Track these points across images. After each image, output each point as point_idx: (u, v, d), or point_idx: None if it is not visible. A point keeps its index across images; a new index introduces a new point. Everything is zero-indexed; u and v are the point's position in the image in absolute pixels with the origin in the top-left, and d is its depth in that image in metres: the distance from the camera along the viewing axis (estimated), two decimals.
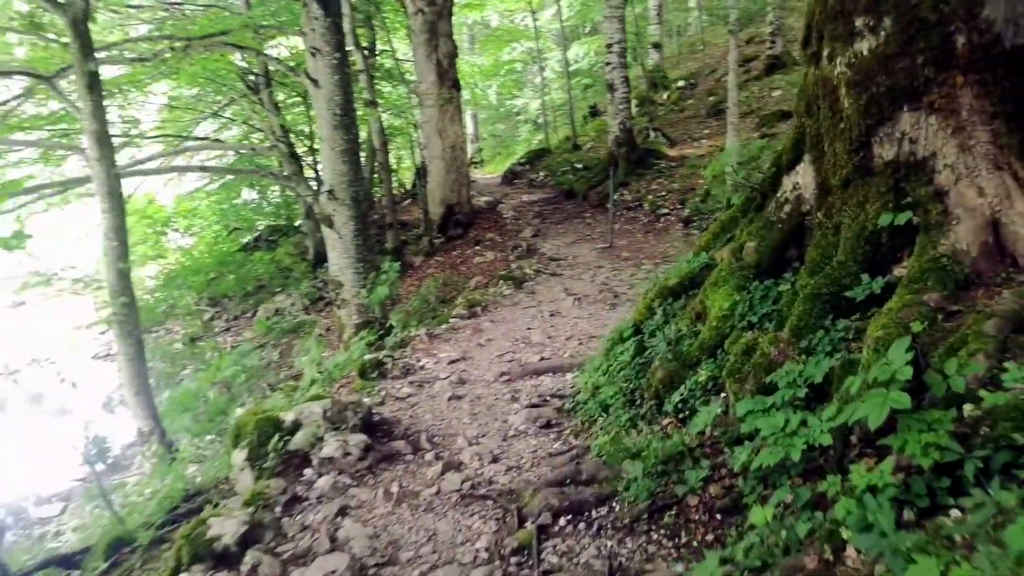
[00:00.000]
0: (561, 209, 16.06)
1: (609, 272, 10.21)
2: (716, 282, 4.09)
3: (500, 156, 27.18)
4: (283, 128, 14.90)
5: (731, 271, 4.06)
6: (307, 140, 15.63)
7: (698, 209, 12.94)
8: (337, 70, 8.32)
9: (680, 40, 25.13)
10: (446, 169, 14.73)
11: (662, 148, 16.26)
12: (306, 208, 15.81)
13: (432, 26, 14.38)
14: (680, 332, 4.10)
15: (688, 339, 4.04)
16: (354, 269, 8.63)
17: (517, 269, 11.29)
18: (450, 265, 13.26)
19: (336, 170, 8.49)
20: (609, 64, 15.66)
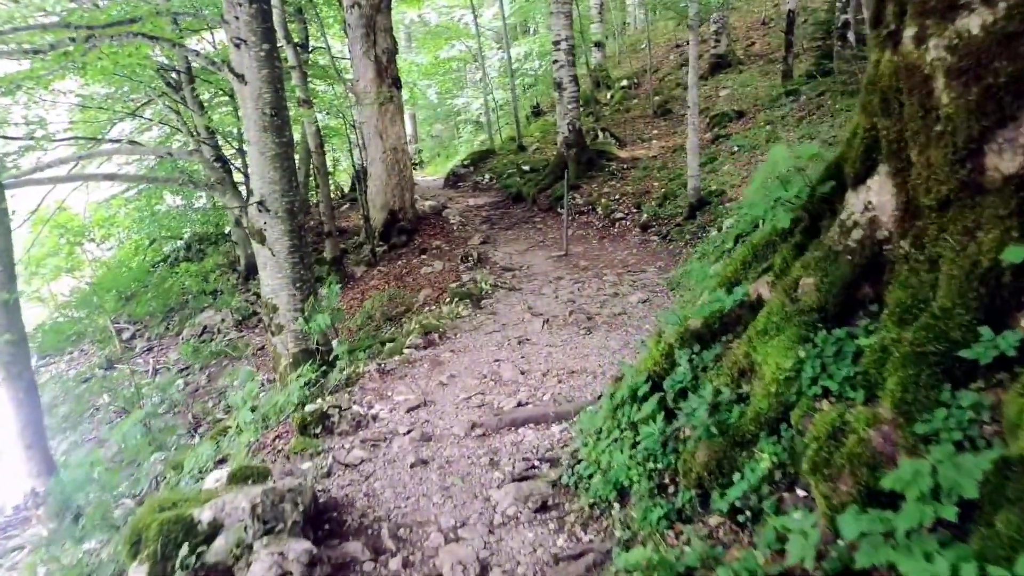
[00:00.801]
0: (510, 214, 15.02)
1: (571, 285, 9.21)
2: (765, 329, 3.11)
3: (440, 157, 25.98)
4: (208, 129, 13.46)
5: (785, 315, 3.08)
6: (236, 142, 14.20)
7: (656, 213, 12.09)
8: (266, 63, 7.07)
9: (621, 39, 24.39)
10: (387, 172, 13.52)
11: (612, 149, 15.39)
12: (236, 215, 14.37)
13: (370, 20, 13.14)
14: (720, 394, 3.11)
15: (734, 405, 3.05)
16: (290, 290, 7.39)
17: (471, 283, 10.19)
18: (395, 276, 12.07)
19: (267, 178, 7.24)
20: (556, 62, 14.68)
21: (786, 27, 13.78)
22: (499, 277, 10.45)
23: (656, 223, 11.99)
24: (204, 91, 14.19)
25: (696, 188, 10.99)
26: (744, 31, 19.88)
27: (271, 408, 6.01)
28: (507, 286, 9.30)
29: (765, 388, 2.97)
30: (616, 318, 7.01)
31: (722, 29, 18.16)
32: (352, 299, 12.01)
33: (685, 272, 8.44)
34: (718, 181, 11.60)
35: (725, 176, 11.83)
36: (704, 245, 9.04)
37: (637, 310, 7.26)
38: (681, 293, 7.49)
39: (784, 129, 12.46)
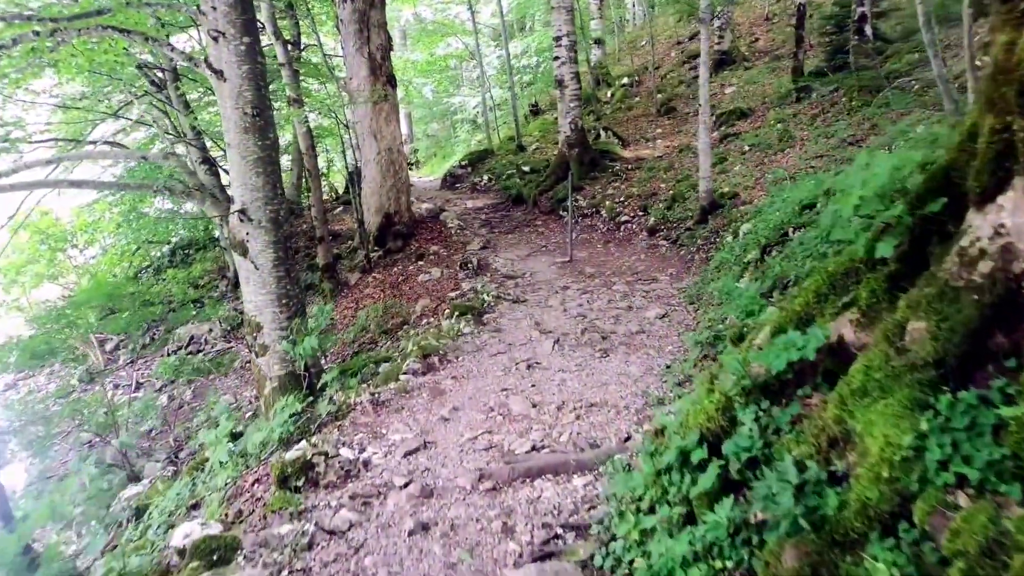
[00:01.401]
0: (510, 217, 14.29)
1: (579, 296, 8.49)
2: (864, 388, 2.40)
3: (436, 158, 25.21)
4: (195, 130, 12.67)
5: (891, 371, 2.37)
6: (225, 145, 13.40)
7: (664, 217, 11.36)
8: (247, 58, 6.32)
9: (620, 37, 23.64)
10: (382, 174, 12.77)
11: (615, 149, 14.66)
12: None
13: (363, 15, 12.38)
14: (805, 471, 2.39)
15: (827, 488, 2.34)
16: (275, 308, 6.65)
17: (471, 292, 9.46)
18: (391, 284, 11.33)
19: (249, 184, 6.50)
20: (558, 58, 13.94)
21: (796, 21, 13.06)
22: (501, 286, 9.73)
23: (664, 227, 11.27)
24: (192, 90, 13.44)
25: (708, 190, 10.27)
26: (747, 27, 19.16)
27: (253, 445, 5.27)
28: (510, 297, 8.57)
29: (872, 470, 2.24)
30: (634, 337, 6.28)
31: (726, 25, 17.42)
32: (346, 308, 11.28)
33: (704, 283, 7.73)
34: (730, 183, 10.88)
35: (737, 177, 11.11)
36: (722, 253, 8.32)
37: (656, 328, 6.53)
38: (704, 308, 6.77)
39: (797, 128, 11.74)
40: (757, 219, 8.65)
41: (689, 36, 21.19)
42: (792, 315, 2.99)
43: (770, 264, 5.71)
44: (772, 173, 10.44)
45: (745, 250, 7.52)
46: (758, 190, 10.33)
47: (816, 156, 10.24)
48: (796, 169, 10.18)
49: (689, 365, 4.95)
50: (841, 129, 10.63)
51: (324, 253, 11.89)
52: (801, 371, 2.76)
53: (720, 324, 5.59)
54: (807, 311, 2.96)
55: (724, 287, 6.61)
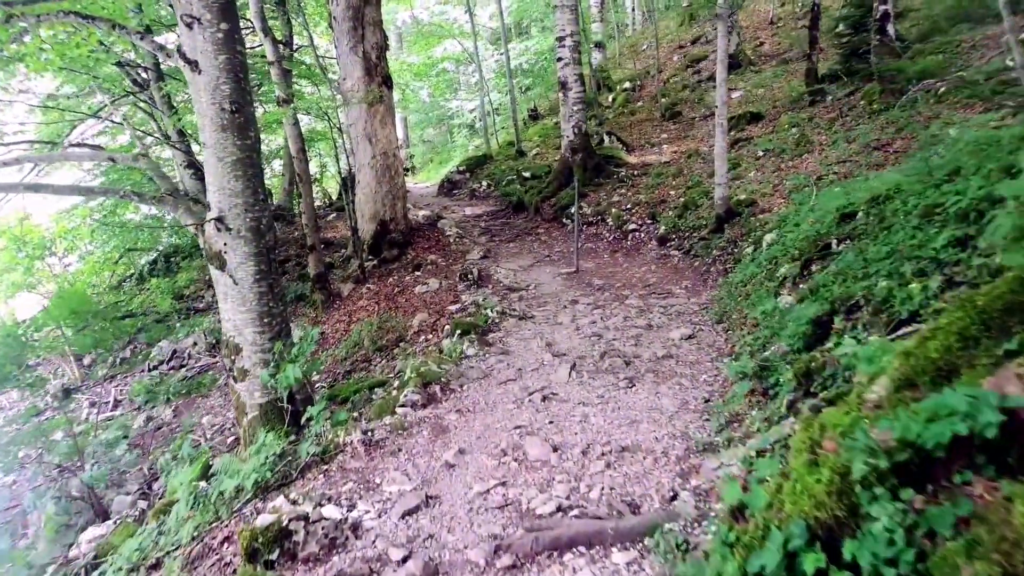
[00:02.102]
0: (511, 224, 13.50)
1: (590, 311, 7.70)
2: None
3: (433, 163, 24.41)
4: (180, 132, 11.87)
5: None
6: None
7: (675, 225, 10.60)
8: (224, 47, 5.52)
9: (620, 41, 22.92)
10: (377, 179, 11.97)
11: (620, 154, 13.90)
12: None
13: (358, 12, 11.59)
14: None
15: None
16: (256, 327, 5.84)
17: (473, 306, 8.67)
18: (386, 296, 10.52)
19: (226, 189, 5.69)
20: (561, 60, 13.18)
21: (810, 22, 12.34)
22: (505, 300, 8.94)
23: (676, 236, 10.50)
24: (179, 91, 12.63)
25: (724, 198, 9.51)
26: (752, 31, 18.46)
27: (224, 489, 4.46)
28: (516, 313, 7.77)
29: None
30: (661, 363, 5.48)
31: (731, 28, 16.70)
32: (338, 321, 10.46)
33: (729, 299, 6.94)
34: (746, 190, 10.12)
35: (752, 184, 10.35)
36: (747, 266, 7.54)
37: (684, 351, 5.74)
38: (735, 329, 5.99)
39: (815, 132, 11.00)
40: (782, 228, 7.89)
41: (692, 40, 20.50)
42: (926, 364, 2.20)
43: (820, 281, 4.93)
44: (791, 179, 9.69)
45: (775, 263, 6.74)
46: (777, 197, 9.58)
47: (839, 161, 9.49)
48: (817, 175, 9.43)
49: (737, 402, 4.16)
50: (864, 133, 9.89)
51: (315, 262, 11.07)
52: (960, 448, 1.97)
53: (762, 350, 4.81)
54: (948, 359, 2.18)
55: (759, 306, 5.84)
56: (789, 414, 3.60)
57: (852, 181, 8.26)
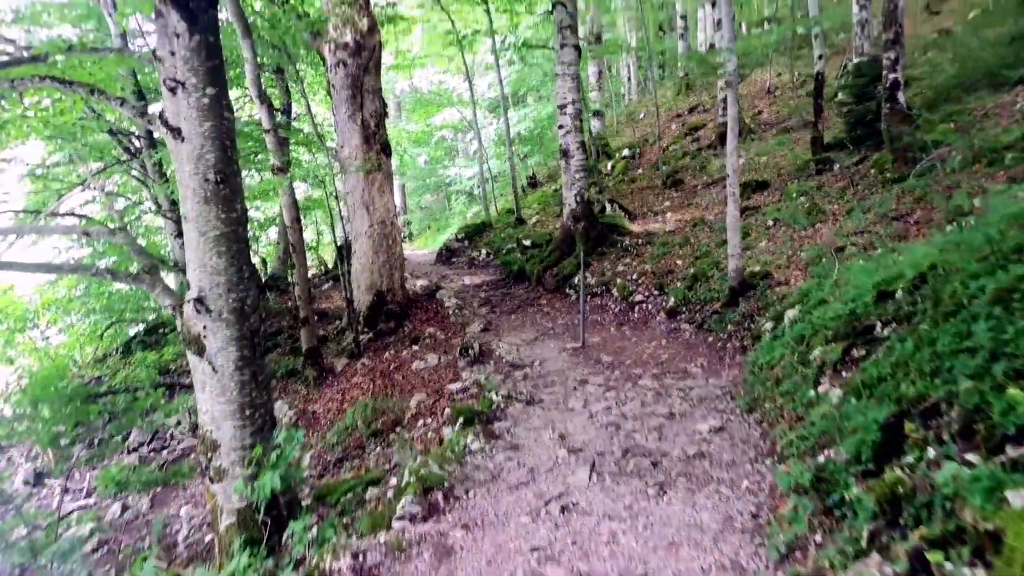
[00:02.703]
0: (512, 295, 12.93)
1: (603, 394, 7.05)
2: None
3: (431, 230, 24.02)
4: (173, 202, 11.41)
5: None
6: None
7: (685, 297, 10.04)
8: (211, 113, 5.01)
9: (617, 110, 22.88)
10: (374, 248, 11.44)
11: (623, 223, 13.45)
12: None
13: (356, 80, 11.27)
14: None
15: None
16: (237, 420, 5.16)
17: (474, 385, 8.00)
18: (382, 373, 9.84)
19: (208, 266, 5.09)
20: (562, 127, 12.85)
21: (815, 91, 12.07)
22: (508, 379, 8.28)
23: (686, 309, 9.92)
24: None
25: (737, 269, 8.98)
26: (750, 99, 18.34)
27: None
28: (523, 397, 7.09)
29: None
30: (692, 464, 4.80)
31: None
32: (330, 400, 9.75)
33: (757, 384, 6.29)
34: (759, 260, 9.60)
35: (765, 255, 9.84)
36: (769, 346, 6.92)
37: (715, 447, 5.07)
38: (770, 419, 5.33)
39: (826, 200, 10.57)
40: (805, 304, 7.31)
41: (689, 109, 20.41)
42: None
43: (873, 373, 4.31)
44: (808, 250, 9.19)
45: (806, 344, 6.13)
46: (793, 269, 9.05)
47: (856, 232, 9.01)
48: (835, 246, 8.93)
49: (798, 525, 3.48)
50: (880, 203, 9.45)
51: (308, 336, 10.41)
52: None
53: (813, 453, 4.15)
54: None
55: (798, 396, 5.20)
56: (872, 549, 2.93)
57: (878, 254, 7.75)
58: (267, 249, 17.14)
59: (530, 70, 19.41)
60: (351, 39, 11.22)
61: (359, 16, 11.31)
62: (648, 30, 18.43)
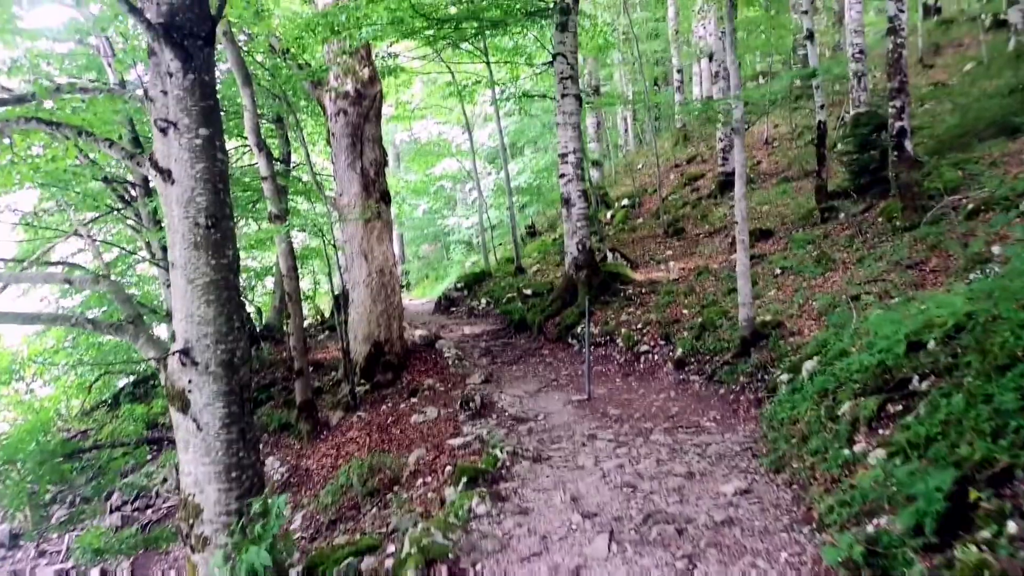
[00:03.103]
0: (513, 345, 12.52)
1: (613, 450, 6.60)
2: None
3: (428, 279, 23.71)
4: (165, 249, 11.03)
5: None
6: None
7: (693, 348, 9.64)
8: (203, 155, 4.69)
9: (615, 160, 22.85)
10: (373, 298, 11.08)
11: (625, 271, 13.14)
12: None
13: (356, 129, 11.08)
14: None
15: None
16: (222, 483, 4.71)
17: (476, 441, 7.54)
18: (379, 427, 9.37)
19: (196, 316, 4.71)
20: (564, 176, 12.64)
21: (817, 140, 11.92)
22: (512, 433, 7.83)
23: (694, 359, 9.53)
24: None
25: (748, 318, 8.61)
26: (749, 150, 18.24)
27: None
28: (529, 454, 6.64)
29: None
30: (721, 532, 4.34)
31: (730, 147, 16.44)
32: (324, 456, 9.25)
33: (781, 441, 5.86)
34: (769, 310, 9.26)
35: (774, 303, 9.50)
36: (789, 399, 6.51)
37: (744, 513, 4.61)
38: (800, 480, 4.89)
39: (834, 249, 10.28)
40: (825, 355, 6.93)
41: (687, 159, 20.35)
42: None
43: (920, 432, 3.91)
44: (820, 299, 8.85)
45: (832, 398, 5.73)
46: (806, 318, 8.69)
47: (869, 280, 8.69)
48: (847, 294, 8.60)
49: None
50: (891, 251, 9.16)
51: (302, 388, 9.95)
52: None
53: (858, 522, 3.72)
54: None
55: (831, 455, 4.78)
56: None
57: (896, 303, 7.41)
58: (263, 299, 16.75)
59: (529, 121, 19.39)
60: (352, 88, 11.06)
61: (360, 66, 11.18)
62: (647, 83, 18.46)
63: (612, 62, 22.05)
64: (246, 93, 9.54)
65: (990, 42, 16.84)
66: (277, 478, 9.38)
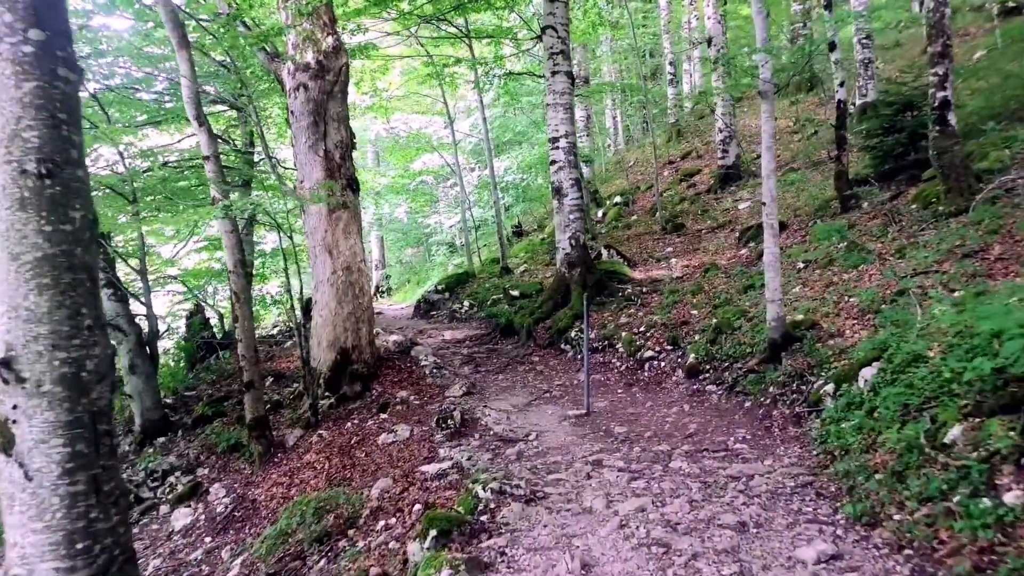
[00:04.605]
0: (499, 351, 10.89)
1: (625, 481, 5.01)
2: None
3: (410, 284, 22.00)
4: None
5: None
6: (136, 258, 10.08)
7: (708, 353, 8.08)
8: (34, 70, 3.05)
9: (605, 158, 21.31)
10: (338, 299, 9.40)
11: (623, 270, 11.56)
12: (130, 359, 9.97)
13: (319, 107, 9.43)
14: None
15: None
16: (62, 562, 3.04)
17: (454, 469, 5.91)
18: (341, 449, 7.70)
19: (22, 309, 3.05)
20: (555, 163, 11.05)
21: (837, 121, 10.40)
22: (498, 457, 6.21)
23: (710, 366, 7.96)
24: None
25: (779, 318, 7.04)
26: (747, 143, 16.78)
27: None
28: (519, 490, 4.99)
29: None
30: None
31: (730, 139, 14.96)
32: (276, 485, 7.57)
33: (862, 476, 4.25)
34: (800, 308, 7.70)
35: (803, 301, 7.95)
36: (853, 417, 4.93)
37: None
38: (909, 538, 3.29)
39: (865, 239, 8.75)
40: (891, 361, 5.35)
41: (681, 156, 18.86)
42: None
43: None
44: (859, 294, 7.30)
45: (932, 418, 4.14)
46: (845, 317, 7.14)
47: (918, 272, 7.15)
48: (888, 289, 7.07)
49: None
50: (938, 239, 7.64)
51: (253, 403, 8.24)
52: None
53: None
54: None
55: (955, 501, 3.19)
56: None
57: (969, 295, 5.87)
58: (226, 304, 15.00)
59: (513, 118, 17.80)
60: (313, 59, 9.41)
61: (322, 34, 9.53)
62: (642, 69, 16.94)
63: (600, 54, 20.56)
64: (182, 57, 7.89)
65: (1003, 28, 15.49)
66: (220, 510, 7.70)
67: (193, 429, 9.92)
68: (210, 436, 9.31)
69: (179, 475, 8.85)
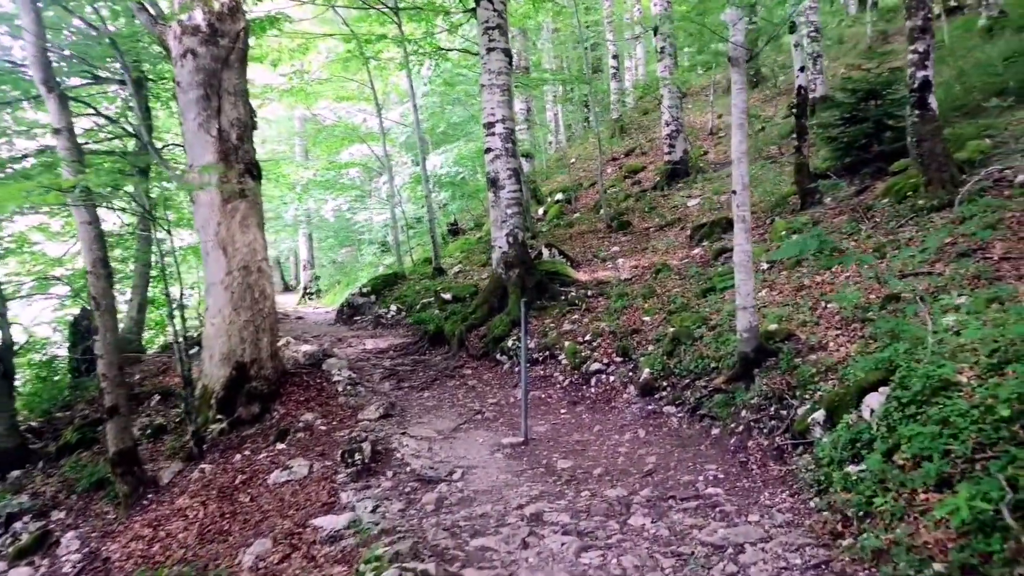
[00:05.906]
0: (426, 363, 9.39)
1: (573, 546, 3.68)
2: None
3: (340, 285, 20.21)
4: None
5: None
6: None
7: (665, 368, 6.80)
8: None
9: (545, 155, 20.03)
10: (234, 304, 7.75)
11: (566, 271, 10.22)
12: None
13: (212, 77, 7.77)
14: None
15: None
16: None
17: (350, 529, 4.43)
18: (221, 492, 6.10)
19: None
20: (490, 151, 9.64)
21: (797, 109, 9.33)
22: (411, 506, 4.76)
23: (668, 384, 6.68)
24: None
25: (751, 328, 5.79)
26: (693, 141, 15.73)
27: None
28: (431, 562, 3.54)
29: None
30: None
31: (677, 133, 13.83)
32: (136, 538, 5.92)
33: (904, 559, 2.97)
34: (771, 316, 6.47)
35: (772, 307, 6.75)
36: (888, 470, 3.68)
37: None
38: None
39: (835, 238, 7.62)
40: (904, 385, 4.11)
41: (625, 152, 17.71)
42: None
43: None
44: (837, 300, 6.13)
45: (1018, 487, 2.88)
46: (827, 327, 5.93)
47: (907, 274, 6.02)
48: (875, 293, 5.93)
49: None
50: (922, 237, 6.55)
51: (117, 433, 6.54)
52: None
53: None
54: None
55: None
56: None
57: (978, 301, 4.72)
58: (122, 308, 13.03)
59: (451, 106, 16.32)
60: (203, 21, 7.74)
61: None
62: (587, 57, 15.65)
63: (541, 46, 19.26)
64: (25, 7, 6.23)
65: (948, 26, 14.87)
66: (67, 570, 5.99)
67: (57, 460, 8.11)
68: (71, 470, 7.53)
69: (28, 520, 7.07)
